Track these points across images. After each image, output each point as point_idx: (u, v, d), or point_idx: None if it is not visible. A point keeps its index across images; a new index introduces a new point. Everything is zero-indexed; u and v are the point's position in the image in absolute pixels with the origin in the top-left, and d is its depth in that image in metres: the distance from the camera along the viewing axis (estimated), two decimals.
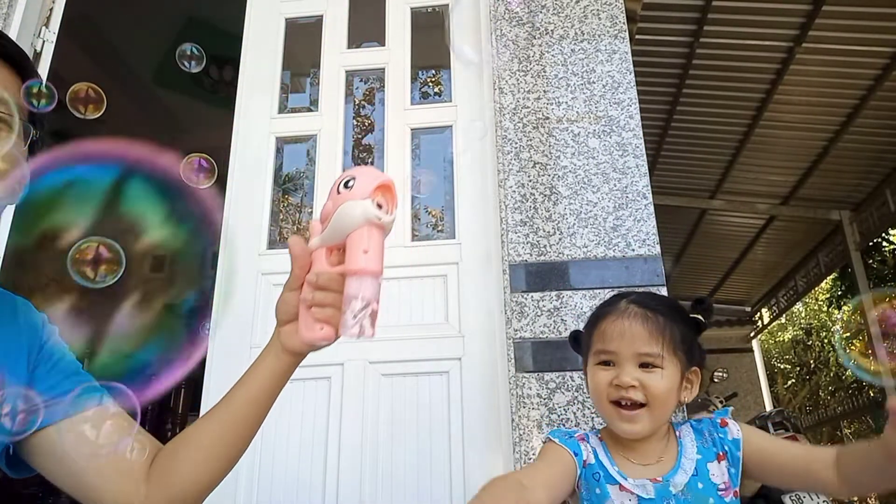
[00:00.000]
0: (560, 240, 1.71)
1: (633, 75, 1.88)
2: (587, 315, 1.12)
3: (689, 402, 1.01)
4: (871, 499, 6.59)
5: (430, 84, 2.46)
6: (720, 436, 0.99)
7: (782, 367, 12.02)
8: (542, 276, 1.68)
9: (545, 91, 1.89)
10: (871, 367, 0.79)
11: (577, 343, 1.10)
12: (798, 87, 4.08)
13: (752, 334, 8.68)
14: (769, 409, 7.39)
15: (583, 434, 1.02)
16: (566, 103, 1.87)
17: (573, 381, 1.57)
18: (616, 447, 1.00)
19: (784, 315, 8.93)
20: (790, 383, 11.35)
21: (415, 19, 2.21)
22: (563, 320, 1.63)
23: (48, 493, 3.41)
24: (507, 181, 1.80)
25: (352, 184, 0.66)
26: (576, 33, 1.95)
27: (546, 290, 1.67)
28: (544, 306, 1.65)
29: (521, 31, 1.98)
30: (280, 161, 2.17)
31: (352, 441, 1.71)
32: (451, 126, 2.04)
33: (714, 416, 1.01)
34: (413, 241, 1.95)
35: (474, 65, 1.95)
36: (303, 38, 2.30)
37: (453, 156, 2.00)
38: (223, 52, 3.70)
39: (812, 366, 10.99)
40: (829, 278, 7.28)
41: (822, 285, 8.18)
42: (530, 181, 1.79)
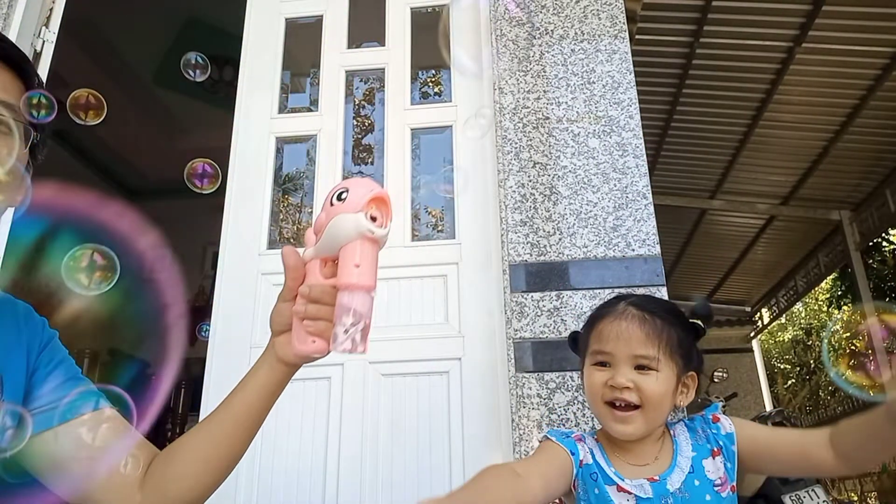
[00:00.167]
0: (560, 240, 1.71)
1: (633, 75, 1.88)
2: (587, 315, 1.12)
3: (685, 406, 1.01)
4: (871, 498, 6.59)
5: (430, 84, 2.46)
6: (713, 432, 0.99)
7: (782, 367, 12.02)
8: (542, 276, 1.68)
9: (545, 91, 1.89)
10: (859, 381, 0.80)
11: (576, 344, 1.10)
12: (798, 87, 4.08)
13: (752, 334, 8.68)
14: (769, 409, 7.39)
15: (580, 434, 1.03)
16: (566, 103, 1.87)
17: (573, 381, 1.57)
18: (612, 448, 1.00)
19: (784, 315, 8.93)
20: (790, 383, 11.34)
21: (415, 19, 2.21)
22: (563, 320, 1.63)
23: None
24: (507, 181, 1.80)
25: (345, 196, 0.65)
26: (576, 33, 1.95)
27: (546, 290, 1.67)
28: (544, 306, 1.65)
29: (521, 31, 1.98)
30: (280, 161, 2.17)
31: (352, 441, 1.71)
32: (451, 126, 2.04)
33: (705, 413, 1.01)
34: (413, 241, 1.95)
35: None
36: (303, 38, 2.30)
37: (453, 157, 2.00)
38: (223, 52, 3.71)
39: (812, 366, 10.99)
40: (829, 278, 7.28)
41: (822, 285, 8.18)
42: (530, 181, 1.79)
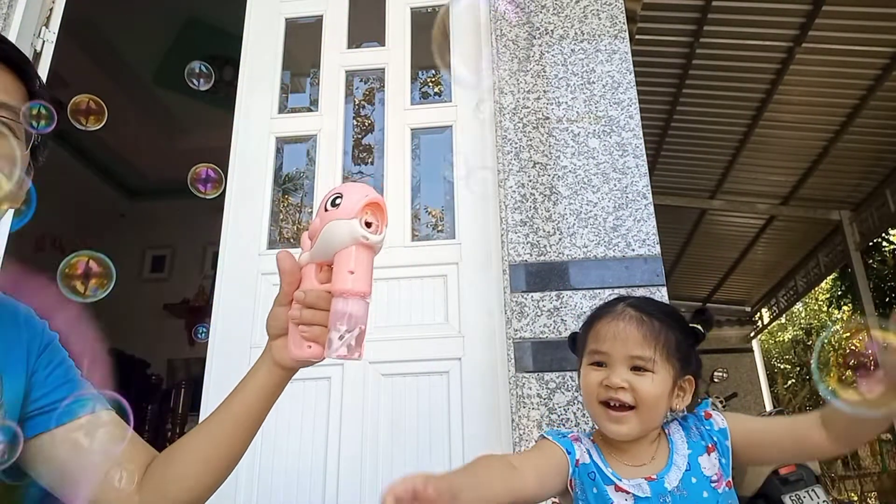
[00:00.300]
0: (560, 240, 1.71)
1: (633, 75, 1.88)
2: (586, 315, 1.12)
3: (681, 409, 1.01)
4: (871, 498, 6.59)
5: (430, 84, 2.46)
6: (706, 428, 0.99)
7: (782, 367, 12.01)
8: (542, 276, 1.68)
9: (545, 91, 1.89)
10: (847, 394, 0.80)
11: (576, 345, 1.10)
12: (798, 87, 4.08)
13: (752, 334, 8.68)
14: (769, 409, 7.40)
15: (576, 435, 1.03)
16: (566, 103, 1.87)
17: (573, 381, 1.57)
18: (609, 450, 1.00)
19: (784, 315, 8.93)
20: (790, 383, 11.33)
21: (415, 19, 2.21)
22: (563, 320, 1.63)
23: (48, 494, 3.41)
24: (507, 181, 1.80)
25: (339, 202, 0.65)
26: (576, 33, 1.95)
27: (546, 290, 1.67)
28: (544, 306, 1.65)
29: (521, 31, 1.98)
30: (280, 161, 2.17)
31: (352, 441, 1.71)
32: (451, 126, 2.04)
33: (697, 410, 1.02)
34: (413, 241, 1.95)
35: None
36: (303, 38, 2.30)
37: (453, 157, 2.00)
38: (223, 52, 3.71)
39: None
40: (829, 278, 7.27)
41: (822, 285, 8.17)
42: (530, 181, 1.79)
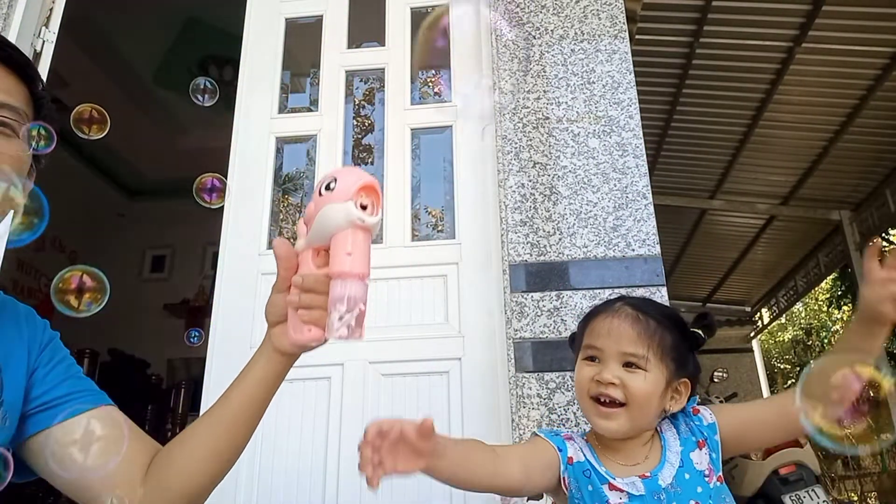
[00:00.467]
0: (560, 240, 1.71)
1: (633, 75, 1.88)
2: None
3: (676, 411, 1.01)
4: (871, 498, 6.59)
5: (430, 84, 2.46)
6: (696, 424, 1.00)
7: (782, 367, 12.02)
8: (542, 276, 1.68)
9: (545, 91, 1.89)
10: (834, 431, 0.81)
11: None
12: (798, 87, 4.08)
13: (752, 334, 8.67)
14: None
15: (569, 434, 1.03)
16: (566, 103, 1.87)
17: (573, 381, 1.56)
18: (602, 449, 1.00)
19: (784, 315, 8.93)
20: (790, 383, 11.34)
21: (415, 19, 2.21)
22: (563, 320, 1.63)
23: (48, 493, 3.41)
24: (507, 181, 1.80)
25: (333, 185, 0.65)
26: (576, 33, 1.95)
27: (546, 290, 1.67)
28: (544, 306, 1.65)
29: (521, 31, 1.98)
30: (280, 161, 2.17)
31: (352, 441, 1.71)
32: (451, 126, 2.04)
33: (686, 407, 1.02)
34: (413, 241, 1.95)
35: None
36: (303, 38, 2.30)
37: (453, 157, 2.00)
38: (223, 52, 3.71)
39: None
40: (829, 278, 7.27)
41: (822, 285, 8.18)
42: (530, 181, 1.79)
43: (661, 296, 1.62)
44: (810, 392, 0.84)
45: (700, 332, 1.05)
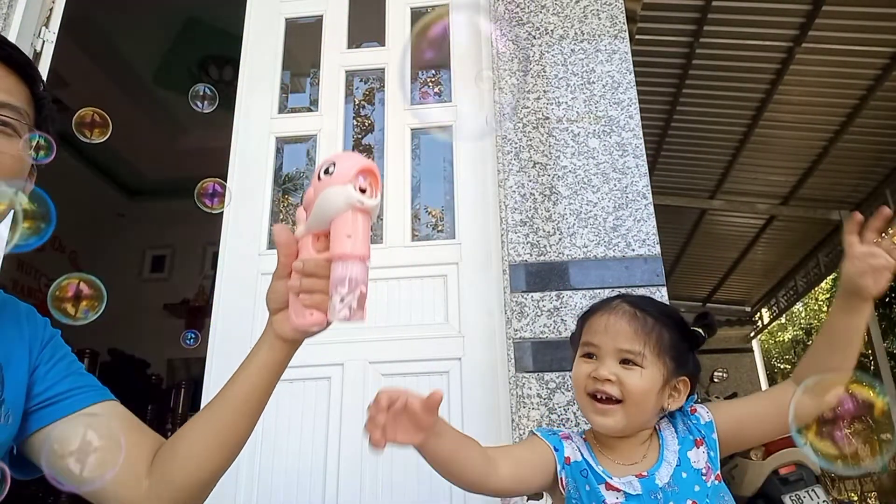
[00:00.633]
0: (560, 240, 1.71)
1: (633, 75, 1.88)
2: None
3: (674, 409, 1.01)
4: (871, 498, 6.59)
5: (430, 84, 2.46)
6: (693, 423, 1.00)
7: (782, 367, 12.01)
8: (542, 276, 1.68)
9: (545, 91, 1.89)
10: (827, 449, 0.82)
11: None
12: (798, 87, 4.08)
13: (752, 334, 8.67)
14: None
15: (567, 433, 1.03)
16: (566, 103, 1.87)
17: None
18: (600, 448, 1.00)
19: (784, 315, 8.92)
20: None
21: (415, 19, 2.21)
22: (563, 320, 1.63)
23: (48, 493, 3.41)
24: (507, 181, 1.80)
25: (332, 170, 0.66)
26: (576, 33, 1.95)
27: (546, 290, 1.67)
28: (544, 306, 1.65)
29: (521, 31, 1.98)
30: (280, 161, 2.17)
31: (352, 441, 1.71)
32: (451, 126, 2.04)
33: (683, 406, 1.02)
34: (413, 241, 1.95)
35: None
36: (303, 38, 2.30)
37: (453, 157, 2.00)
38: (223, 52, 3.71)
39: None
40: (829, 278, 7.26)
41: (822, 285, 8.17)
42: (530, 181, 1.79)
43: (661, 296, 1.62)
44: (802, 413, 0.85)
45: (700, 331, 1.04)
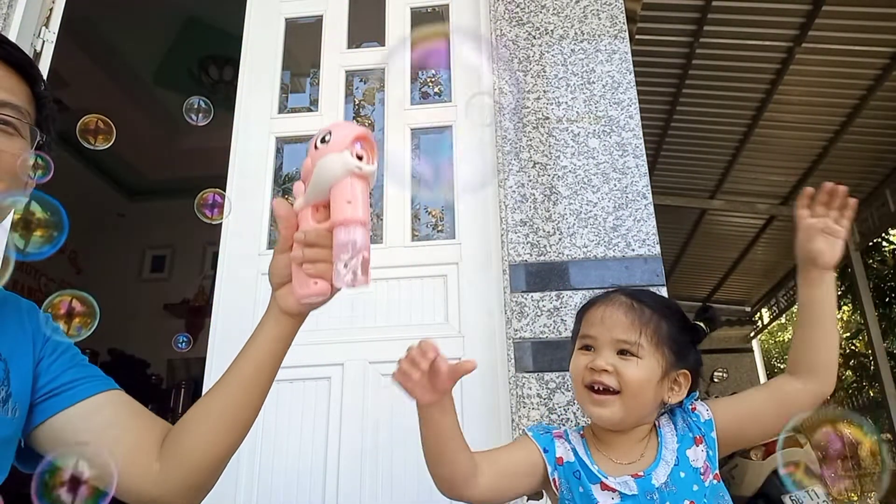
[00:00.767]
0: (560, 240, 1.71)
1: (633, 75, 1.88)
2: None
3: (675, 402, 0.99)
4: (870, 499, 6.59)
5: (430, 84, 2.46)
6: (693, 420, 0.99)
7: (782, 367, 12.01)
8: (542, 276, 1.68)
9: (545, 91, 1.89)
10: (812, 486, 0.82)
11: None
12: (798, 87, 4.08)
13: (752, 334, 8.68)
14: None
15: (561, 431, 1.01)
16: (566, 103, 1.87)
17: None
18: (597, 445, 0.99)
19: (784, 315, 8.92)
20: None
21: (415, 19, 2.21)
22: (563, 320, 1.63)
23: None
24: (507, 181, 1.80)
25: (328, 138, 0.67)
26: (576, 33, 1.95)
27: (546, 290, 1.67)
28: (544, 306, 1.65)
29: (521, 31, 1.98)
30: (280, 161, 2.17)
31: (352, 441, 1.71)
32: (451, 126, 2.04)
33: (684, 403, 1.01)
34: (413, 241, 1.95)
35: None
36: (303, 38, 2.30)
37: (453, 157, 2.00)
38: (223, 52, 3.71)
39: None
40: None
41: None
42: (530, 181, 1.79)
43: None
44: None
45: (702, 325, 1.04)
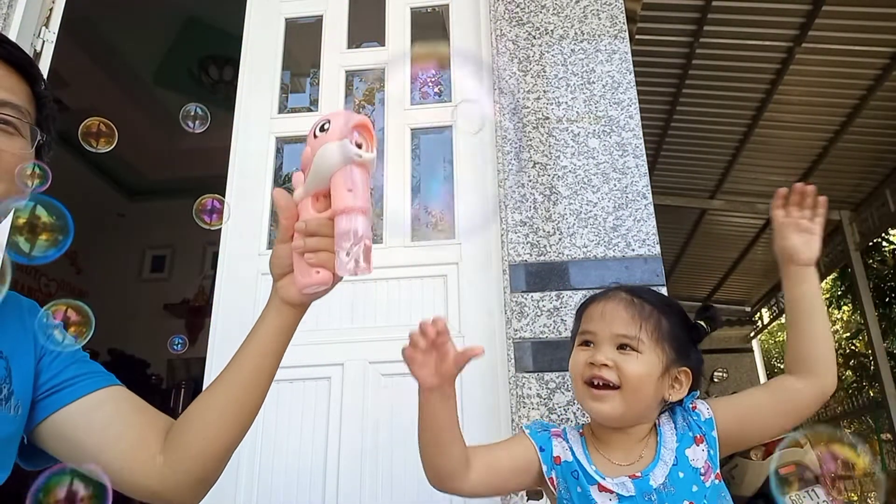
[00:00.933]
0: (560, 240, 1.71)
1: (633, 75, 1.88)
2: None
3: (675, 400, 0.99)
4: (870, 498, 6.59)
5: (430, 84, 2.46)
6: (694, 419, 0.98)
7: (782, 367, 12.00)
8: (542, 276, 1.68)
9: (545, 91, 1.89)
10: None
11: None
12: (798, 87, 4.08)
13: (752, 334, 8.68)
14: None
15: (560, 430, 1.01)
16: (566, 103, 1.87)
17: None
18: (596, 444, 0.98)
19: (784, 315, 8.93)
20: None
21: (415, 19, 2.21)
22: (563, 320, 1.63)
23: None
24: (507, 181, 1.80)
25: (327, 126, 0.66)
26: (576, 33, 1.95)
27: (546, 290, 1.67)
28: (544, 306, 1.65)
29: (521, 31, 1.98)
30: (280, 161, 2.17)
31: (352, 441, 1.71)
32: (450, 126, 2.04)
33: (685, 402, 1.00)
34: (413, 241, 1.95)
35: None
36: (303, 38, 2.30)
37: (453, 155, 2.00)
38: (223, 52, 3.71)
39: None
40: (829, 278, 7.28)
41: (823, 285, 8.17)
42: (530, 181, 1.79)
43: None
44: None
45: (703, 323, 1.03)
